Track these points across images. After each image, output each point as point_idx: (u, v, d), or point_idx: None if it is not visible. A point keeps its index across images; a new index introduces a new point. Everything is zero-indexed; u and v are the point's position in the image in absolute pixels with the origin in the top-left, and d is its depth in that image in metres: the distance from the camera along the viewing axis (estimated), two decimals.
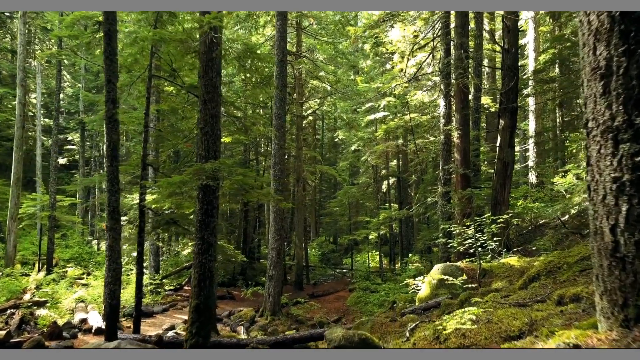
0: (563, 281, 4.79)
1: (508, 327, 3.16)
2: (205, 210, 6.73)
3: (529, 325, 3.03)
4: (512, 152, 11.97)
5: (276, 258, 13.91)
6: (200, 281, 6.60)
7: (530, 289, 4.94)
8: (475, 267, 8.31)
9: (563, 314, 3.04)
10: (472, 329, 3.44)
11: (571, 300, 3.30)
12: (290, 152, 24.47)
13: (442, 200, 12.42)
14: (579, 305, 3.17)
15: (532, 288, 4.98)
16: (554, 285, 4.80)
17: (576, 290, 3.38)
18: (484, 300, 5.10)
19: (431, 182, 22.04)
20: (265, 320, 13.65)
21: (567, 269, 5.09)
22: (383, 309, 15.11)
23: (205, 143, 6.81)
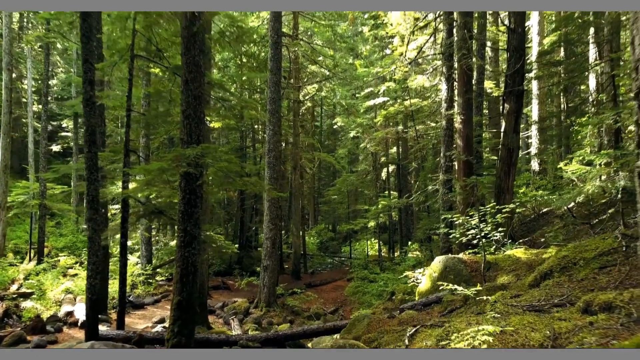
0: (581, 280, 4.28)
1: (526, 341, 2.67)
2: (188, 200, 6.21)
3: (551, 339, 2.54)
4: (517, 138, 11.41)
5: (271, 248, 13.45)
6: (183, 276, 6.11)
7: (544, 288, 4.44)
8: (479, 260, 7.82)
9: (594, 327, 2.54)
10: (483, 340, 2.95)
11: (601, 309, 2.81)
12: (287, 139, 23.92)
13: (444, 189, 11.90)
14: (612, 316, 2.68)
15: (545, 287, 4.47)
16: (570, 284, 4.29)
17: (607, 298, 2.88)
18: (492, 300, 4.60)
19: (432, 169, 21.52)
20: (260, 311, 13.23)
21: (584, 266, 4.58)
22: (382, 300, 14.69)
23: (188, 127, 6.26)
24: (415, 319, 6.36)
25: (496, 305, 4.20)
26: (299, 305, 14.58)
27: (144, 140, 15.52)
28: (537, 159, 22.68)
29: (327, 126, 39.38)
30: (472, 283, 7.40)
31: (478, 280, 7.37)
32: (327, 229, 36.25)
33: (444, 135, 12.29)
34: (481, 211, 7.80)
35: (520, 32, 10.98)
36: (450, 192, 11.96)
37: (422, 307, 7.04)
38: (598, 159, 7.15)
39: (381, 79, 22.22)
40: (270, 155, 13.42)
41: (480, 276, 7.39)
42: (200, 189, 6.37)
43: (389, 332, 5.83)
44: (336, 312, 14.74)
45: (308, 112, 31.41)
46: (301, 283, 19.11)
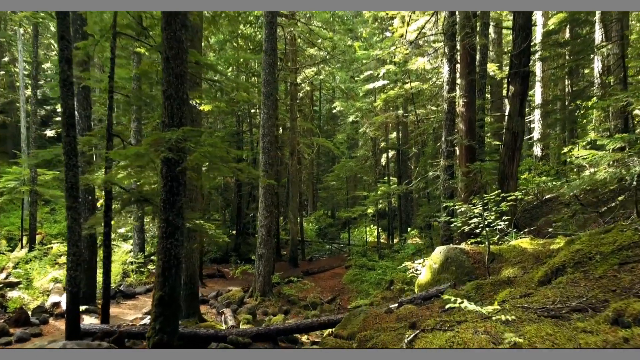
0: (599, 278, 3.84)
1: None
2: (170, 187, 5.74)
3: None
4: (523, 122, 10.90)
5: (266, 236, 13.04)
6: (165, 270, 5.68)
7: (557, 287, 4.00)
8: (482, 250, 7.40)
9: (630, 345, 2.12)
10: None
11: (636, 322, 2.38)
12: (285, 124, 23.38)
13: (445, 175, 11.43)
14: None
15: (559, 285, 4.03)
16: (587, 282, 3.85)
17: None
18: (499, 299, 4.16)
19: (432, 154, 21.04)
20: (255, 301, 12.88)
21: (601, 261, 4.14)
22: (380, 289, 14.36)
23: (169, 108, 5.76)
24: (415, 315, 5.95)
25: (505, 306, 3.76)
26: (295, 294, 14.23)
27: (135, 125, 15.00)
28: (539, 144, 22.19)
29: (326, 111, 38.77)
30: (474, 275, 6.99)
31: (481, 273, 6.96)
32: (326, 215, 35.88)
33: (445, 119, 11.78)
34: (485, 199, 7.35)
35: None
36: (452, 179, 11.50)
37: (422, 301, 6.63)
38: (611, 143, 6.69)
39: (381, 62, 21.60)
40: (265, 140, 12.92)
41: (484, 268, 6.97)
42: (183, 176, 5.91)
43: (386, 330, 5.42)
44: (333, 301, 14.39)
45: (306, 96, 30.77)
46: (298, 270, 18.77)
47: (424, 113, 21.16)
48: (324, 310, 12.99)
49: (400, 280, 13.86)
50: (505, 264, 6.81)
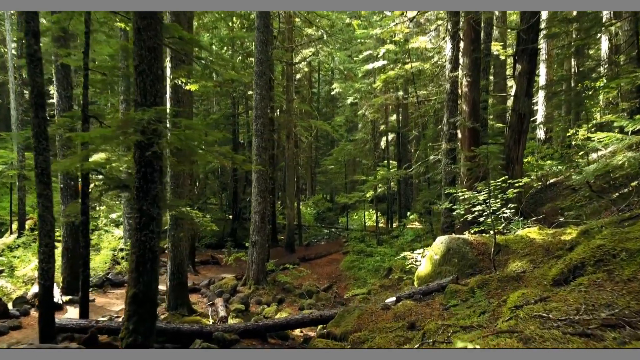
0: (628, 280, 3.32)
1: None
2: (144, 174, 5.18)
3: None
4: (530, 102, 10.31)
5: (260, 222, 12.52)
6: (139, 264, 5.15)
7: (578, 289, 3.47)
8: (487, 241, 6.88)
9: None
10: None
11: None
12: (282, 106, 22.69)
13: (446, 159, 10.86)
14: None
15: (579, 288, 3.51)
16: (614, 286, 3.33)
17: None
18: (510, 303, 3.64)
19: (433, 137, 20.42)
20: (248, 289, 12.44)
21: (627, 260, 3.61)
22: (378, 277, 13.92)
23: (141, 85, 5.16)
24: (414, 313, 5.46)
25: (519, 313, 3.24)
26: (291, 282, 13.79)
27: (124, 107, 14.34)
28: (543, 126, 21.56)
29: (325, 93, 37.97)
30: (478, 268, 6.48)
31: (486, 265, 6.46)
32: (325, 198, 35.38)
33: (447, 100, 11.14)
34: (492, 185, 6.80)
35: None
36: (454, 163, 10.93)
37: (422, 297, 6.14)
38: (631, 125, 6.11)
39: (381, 42, 20.82)
40: (258, 123, 12.31)
41: (489, 260, 6.47)
42: (159, 161, 5.34)
43: (382, 331, 4.93)
44: (330, 289, 13.96)
45: (305, 77, 29.98)
46: (295, 256, 18.34)
47: (425, 94, 20.46)
48: (320, 298, 12.56)
49: (399, 267, 13.40)
50: (512, 256, 6.30)
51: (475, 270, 6.41)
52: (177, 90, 9.39)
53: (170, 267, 9.63)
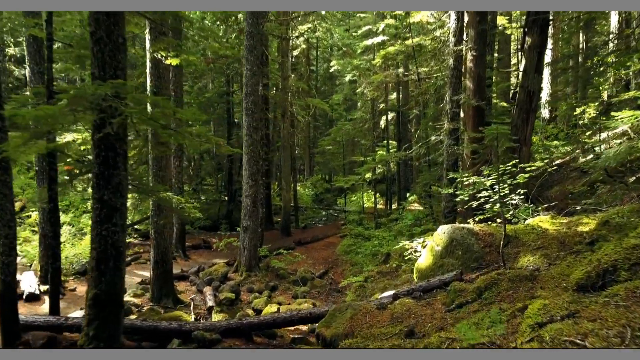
0: None
1: None
2: (104, 159, 4.51)
3: None
4: (540, 79, 9.56)
5: (251, 207, 11.89)
6: (101, 262, 4.52)
7: (613, 301, 2.84)
8: (494, 231, 6.25)
9: None
10: None
11: None
12: (277, 84, 21.82)
13: (449, 140, 10.15)
14: None
15: (614, 299, 2.87)
16: None
17: None
18: (529, 317, 3.01)
19: (434, 117, 19.64)
20: (240, 276, 11.89)
21: None
22: (376, 263, 13.37)
23: (99, 56, 4.44)
24: (413, 314, 4.86)
25: (541, 334, 2.61)
26: (285, 268, 13.25)
27: None
28: (548, 105, 20.75)
29: (324, 71, 36.95)
30: (484, 262, 5.86)
31: (493, 259, 5.83)
32: (324, 179, 34.71)
33: (450, 76, 10.36)
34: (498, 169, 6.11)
35: None
36: (457, 144, 10.23)
37: (422, 294, 5.53)
38: None
39: (380, 16, 19.85)
40: (249, 101, 11.56)
41: (496, 253, 5.84)
42: (123, 144, 4.65)
43: (377, 338, 4.33)
44: (325, 275, 13.42)
45: (302, 55, 28.93)
46: (291, 240, 17.79)
47: (426, 71, 19.59)
48: (315, 286, 12.03)
49: (398, 253, 12.85)
50: (522, 249, 5.67)
51: (481, 264, 5.80)
52: (157, 65, 8.64)
53: (153, 255, 9.04)
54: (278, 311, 8.22)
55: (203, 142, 5.16)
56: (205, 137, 5.02)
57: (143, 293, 9.39)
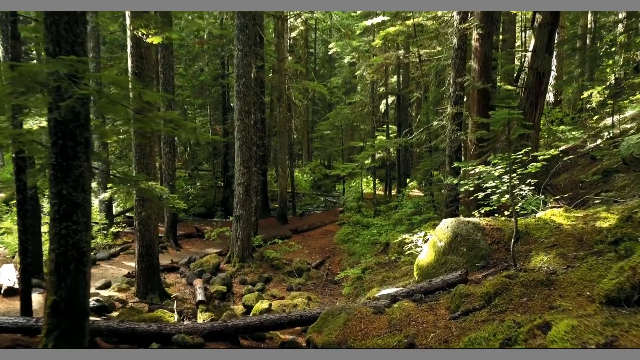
0: None
1: None
2: (62, 148, 3.94)
3: None
4: (550, 59, 8.94)
5: (244, 195, 11.36)
6: (60, 265, 3.99)
7: None
8: (502, 225, 5.71)
9: None
10: None
11: None
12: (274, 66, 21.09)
13: (452, 125, 9.55)
14: None
15: None
16: None
17: None
18: (553, 341, 2.49)
19: (435, 101, 19.01)
20: (233, 267, 11.42)
21: None
22: (374, 252, 12.89)
23: (53, 29, 3.84)
24: (413, 321, 4.36)
25: None
26: (280, 258, 12.78)
27: (93, 66, 12.89)
28: (553, 88, 20.05)
29: (323, 53, 36.10)
30: (492, 260, 5.34)
31: (501, 257, 5.31)
32: (323, 164, 34.11)
33: (454, 57, 9.71)
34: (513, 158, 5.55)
35: None
36: (460, 130, 9.64)
37: (423, 296, 5.02)
38: None
39: None
40: (240, 83, 10.93)
41: (505, 251, 5.31)
42: (85, 132, 4.08)
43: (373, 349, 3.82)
44: (322, 265, 12.97)
45: (300, 36, 28.11)
46: (287, 228, 17.31)
47: (428, 53, 18.87)
48: (311, 277, 11.57)
49: (397, 243, 12.36)
50: (534, 246, 5.14)
51: (488, 263, 5.28)
52: (138, 44, 8.00)
53: (138, 248, 8.52)
54: (269, 308, 7.74)
55: (174, 129, 4.57)
56: (177, 123, 4.44)
57: (128, 287, 8.91)
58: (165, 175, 13.18)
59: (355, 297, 9.77)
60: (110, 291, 8.75)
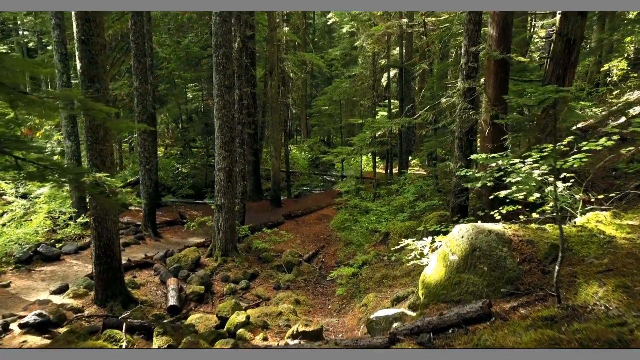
0: None
1: None
2: None
3: None
4: (583, 23, 7.46)
5: (226, 181, 10.08)
6: None
7: None
8: (533, 236, 4.42)
9: None
10: None
11: None
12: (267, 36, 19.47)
13: (463, 102, 8.16)
14: None
15: None
16: None
17: None
18: None
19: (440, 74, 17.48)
20: (214, 262, 10.24)
21: None
22: (372, 243, 11.65)
23: None
24: None
25: None
26: (269, 249, 11.60)
27: (57, 34, 11.38)
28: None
29: (322, 24, 34.19)
30: (524, 286, 4.06)
31: (535, 282, 4.03)
32: (322, 140, 32.65)
33: (467, 22, 8.24)
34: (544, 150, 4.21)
35: None
36: (474, 108, 8.25)
37: (432, 336, 3.77)
38: None
39: None
40: (219, 54, 9.50)
41: (540, 273, 4.04)
42: None
43: None
44: (315, 257, 11.80)
45: None
46: (280, 212, 16.10)
47: (434, 21, 17.23)
48: (301, 272, 10.41)
49: (398, 232, 11.14)
50: (580, 268, 3.86)
51: (517, 289, 4.01)
52: None
53: (94, 249, 7.30)
54: (247, 322, 6.55)
55: (68, 109, 3.25)
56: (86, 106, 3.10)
57: (87, 292, 7.72)
58: (142, 158, 11.86)
59: (349, 299, 8.61)
60: (64, 297, 7.57)
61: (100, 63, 6.97)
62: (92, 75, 6.89)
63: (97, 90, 6.90)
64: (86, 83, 6.87)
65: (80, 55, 6.84)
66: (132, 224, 13.09)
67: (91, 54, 6.83)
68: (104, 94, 7.03)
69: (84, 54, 6.81)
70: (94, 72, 6.89)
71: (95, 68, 6.90)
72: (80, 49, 6.81)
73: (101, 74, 6.97)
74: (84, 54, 6.81)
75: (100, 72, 6.97)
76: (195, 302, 8.65)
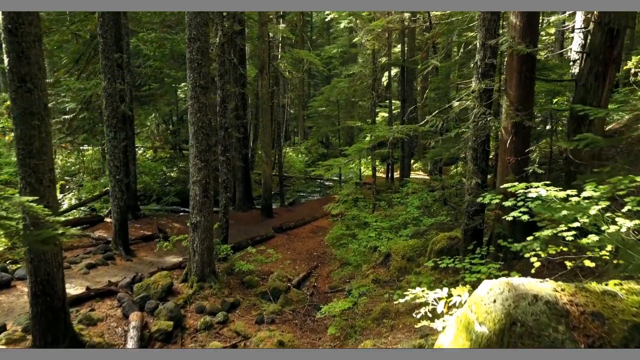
0: None
1: None
2: None
3: None
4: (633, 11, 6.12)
5: (202, 196, 8.74)
6: None
7: None
8: (598, 304, 3.06)
9: None
10: None
11: None
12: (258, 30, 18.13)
13: (480, 107, 6.80)
14: None
15: None
16: None
17: None
18: None
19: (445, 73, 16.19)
20: (189, 289, 8.90)
21: None
22: (371, 264, 10.30)
23: None
24: None
25: None
26: (255, 270, 10.28)
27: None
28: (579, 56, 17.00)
29: (320, 21, 32.86)
30: None
31: None
32: (321, 142, 31.29)
33: (482, 13, 6.89)
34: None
35: None
36: (490, 112, 6.90)
37: None
38: None
39: None
40: (193, 48, 8.17)
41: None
42: None
43: None
44: (306, 280, 10.46)
45: None
46: (271, 224, 14.76)
47: (438, 16, 15.89)
48: (289, 300, 9.08)
49: (400, 253, 9.81)
50: None
51: None
52: None
53: (29, 285, 5.98)
54: None
55: None
56: None
57: (24, 336, 6.40)
58: (111, 168, 10.52)
59: (343, 340, 7.26)
60: (17, 325, 6.25)
61: (34, 58, 5.65)
62: (23, 74, 5.56)
63: (29, 91, 5.58)
64: (15, 82, 5.54)
65: (7, 48, 5.52)
66: (103, 240, 11.76)
67: (21, 47, 5.51)
68: (39, 96, 5.71)
69: (11, 47, 5.49)
70: (25, 69, 5.56)
71: (27, 64, 5.58)
72: (7, 41, 5.50)
73: (35, 72, 5.64)
74: (11, 46, 5.49)
75: (34, 69, 5.64)
76: (162, 342, 7.34)
